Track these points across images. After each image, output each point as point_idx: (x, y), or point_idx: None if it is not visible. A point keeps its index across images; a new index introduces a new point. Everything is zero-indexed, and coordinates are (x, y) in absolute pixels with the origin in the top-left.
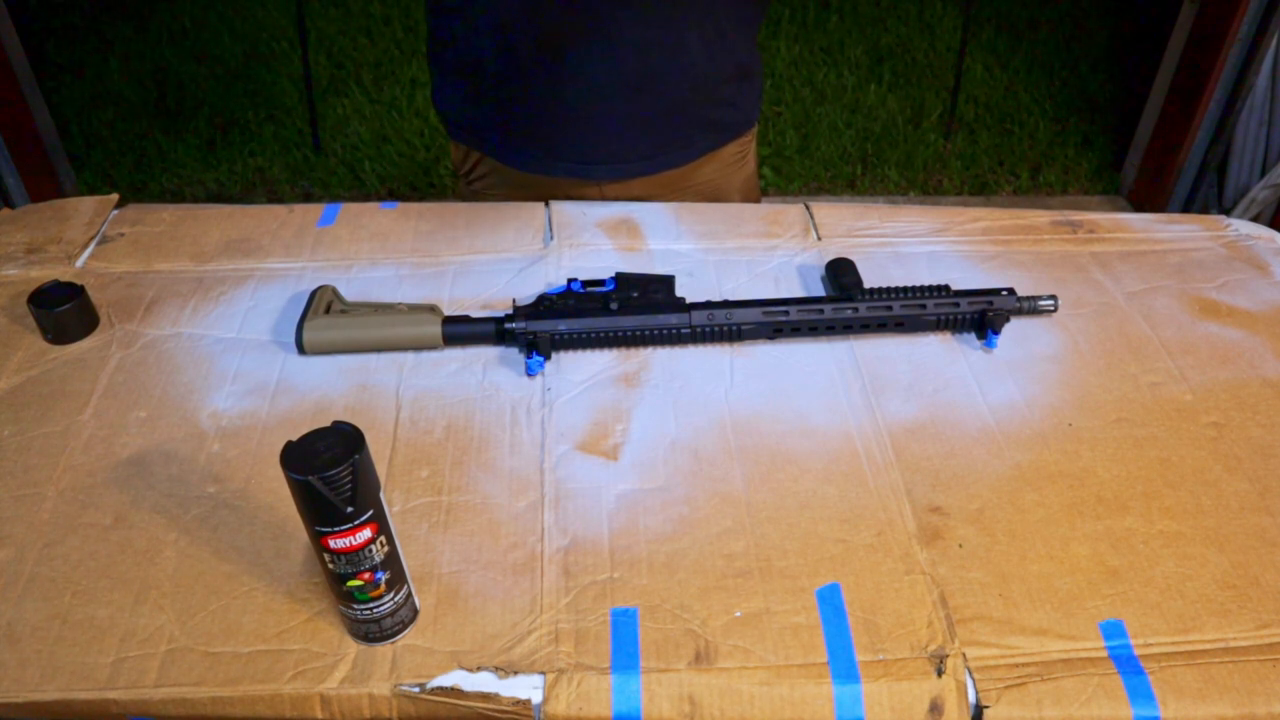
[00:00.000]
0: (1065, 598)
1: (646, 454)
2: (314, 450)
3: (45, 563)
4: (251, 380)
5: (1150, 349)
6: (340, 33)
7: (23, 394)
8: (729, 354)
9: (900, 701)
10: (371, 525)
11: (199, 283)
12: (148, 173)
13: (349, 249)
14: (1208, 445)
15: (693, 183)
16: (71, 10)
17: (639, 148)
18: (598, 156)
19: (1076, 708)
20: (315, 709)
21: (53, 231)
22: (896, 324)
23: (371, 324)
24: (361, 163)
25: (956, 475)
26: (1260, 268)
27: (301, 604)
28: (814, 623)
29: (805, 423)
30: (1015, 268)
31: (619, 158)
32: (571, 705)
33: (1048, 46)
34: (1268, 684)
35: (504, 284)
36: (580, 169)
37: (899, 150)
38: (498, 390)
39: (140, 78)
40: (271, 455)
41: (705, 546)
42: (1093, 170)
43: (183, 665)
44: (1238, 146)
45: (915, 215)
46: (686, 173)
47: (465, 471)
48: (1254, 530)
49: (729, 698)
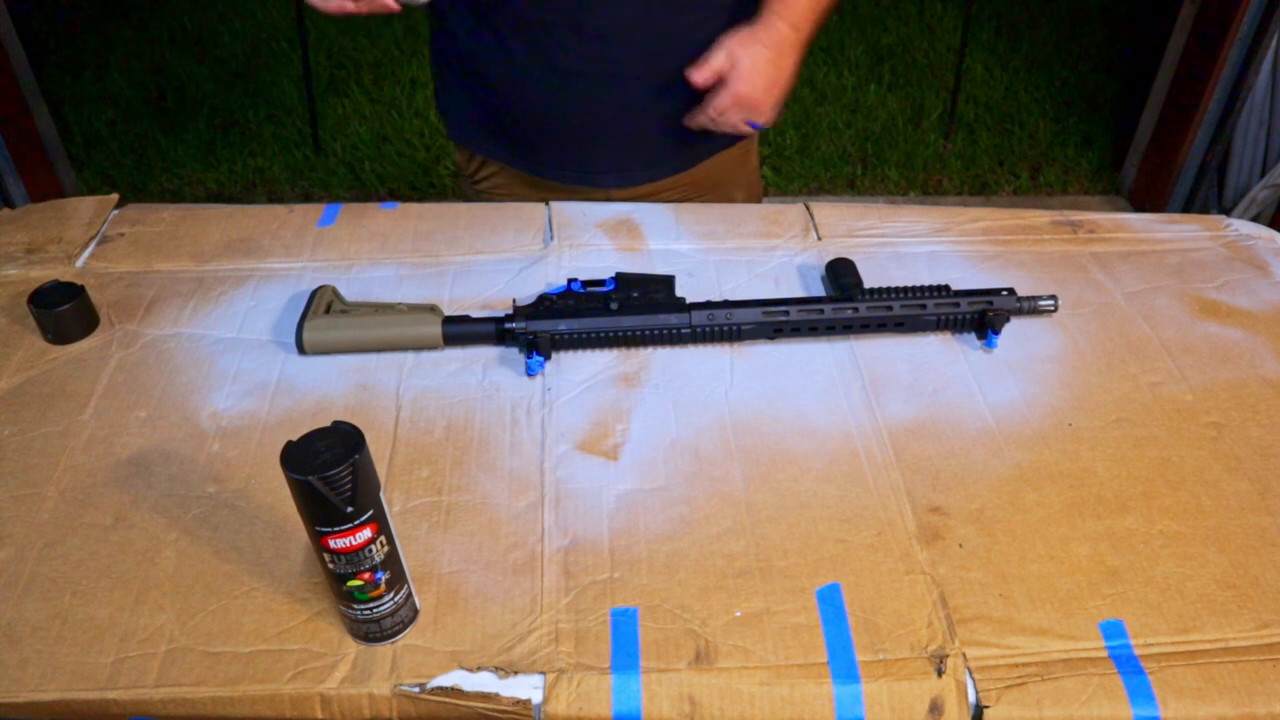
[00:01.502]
0: (1065, 598)
1: (646, 454)
2: (314, 450)
3: (45, 563)
4: (251, 380)
5: (1150, 349)
6: (340, 33)
7: (23, 394)
8: (729, 354)
9: (900, 701)
10: (371, 525)
11: (199, 283)
12: (148, 173)
13: (349, 249)
14: (1208, 445)
15: (697, 179)
16: (71, 10)
17: (643, 158)
18: (603, 167)
19: (1076, 708)
20: (315, 709)
21: (53, 231)
22: (896, 324)
23: (371, 324)
24: (361, 163)
25: (956, 475)
26: (1260, 268)
27: (301, 604)
28: (814, 623)
29: (805, 423)
30: (1015, 268)
31: (625, 168)
32: (571, 705)
33: (1048, 46)
34: (1268, 684)
35: (504, 284)
36: (588, 178)
37: (899, 150)
38: (498, 390)
39: (140, 78)
40: (271, 455)
41: (705, 546)
42: (1093, 170)
43: (183, 665)
44: (1238, 146)
45: (915, 215)
46: (691, 173)
47: (465, 471)
48: (1254, 530)
49: (729, 698)
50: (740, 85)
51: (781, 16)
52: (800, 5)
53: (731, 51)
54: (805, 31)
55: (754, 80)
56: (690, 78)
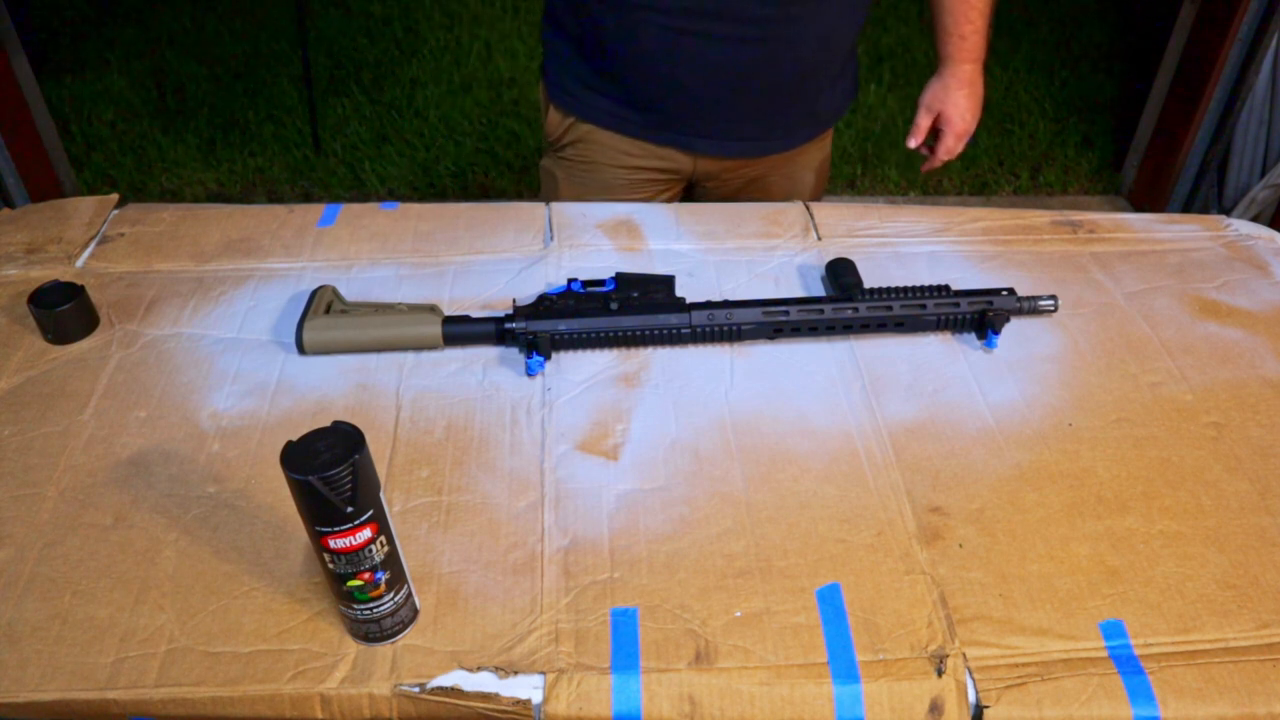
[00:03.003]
0: (1065, 598)
1: (646, 454)
2: (314, 450)
3: (45, 563)
4: (251, 380)
5: (1150, 349)
6: (340, 33)
7: (23, 394)
8: (729, 354)
9: (900, 701)
10: (371, 525)
11: (199, 283)
12: (148, 173)
13: (349, 249)
14: (1208, 445)
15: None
16: (71, 10)
17: (745, 130)
18: (706, 132)
19: (1076, 708)
20: (315, 709)
21: (53, 231)
22: (896, 324)
23: (371, 324)
24: (361, 163)
25: (956, 475)
26: (1260, 268)
27: (301, 604)
28: (814, 623)
29: (805, 423)
30: (1015, 268)
31: (727, 136)
32: (571, 705)
33: (1048, 46)
34: (1268, 684)
35: (504, 284)
36: (685, 141)
37: (899, 150)
38: (498, 390)
39: (140, 78)
40: (271, 455)
41: (705, 546)
42: (1093, 170)
43: (183, 665)
44: (1238, 146)
45: (915, 215)
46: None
47: (465, 471)
48: (1254, 530)
49: (729, 698)
50: (957, 128)
51: (963, 59)
52: (974, 40)
53: (932, 108)
54: (983, 56)
55: (965, 119)
56: (909, 146)
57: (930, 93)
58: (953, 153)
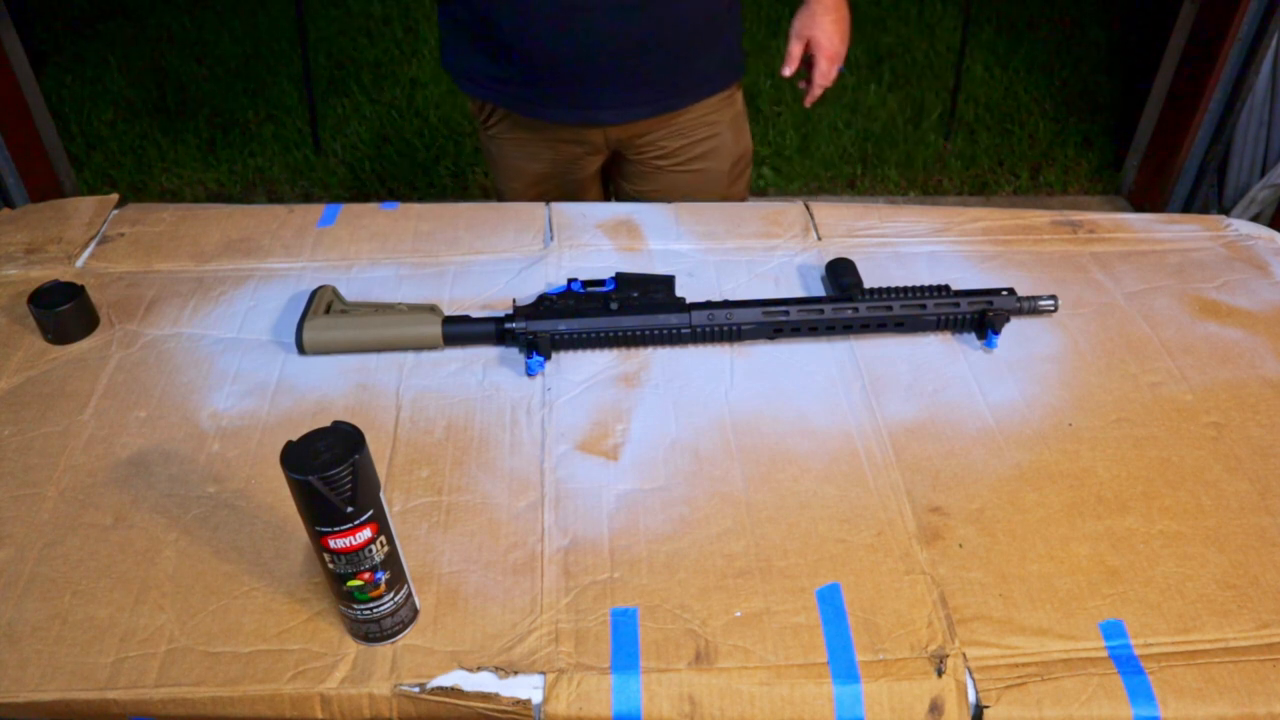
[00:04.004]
0: (1065, 598)
1: (646, 454)
2: (314, 450)
3: (45, 563)
4: (251, 380)
5: (1150, 349)
6: (340, 33)
7: (23, 394)
8: (729, 354)
9: (900, 701)
10: (371, 525)
11: (199, 283)
12: (148, 173)
13: (349, 249)
14: (1208, 445)
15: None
16: (71, 10)
17: (642, 95)
18: (605, 103)
19: (1076, 708)
20: (315, 709)
21: (53, 231)
22: (896, 324)
23: (371, 324)
24: (361, 163)
25: (956, 475)
26: (1260, 268)
27: (301, 604)
28: (814, 623)
29: (805, 423)
30: (1015, 268)
31: (626, 104)
32: (571, 705)
33: (1048, 46)
34: (1268, 684)
35: (504, 284)
36: (590, 115)
37: (899, 150)
38: (498, 390)
39: (140, 78)
40: (271, 455)
41: (705, 546)
42: (1093, 170)
43: (183, 665)
44: (1238, 146)
45: (915, 215)
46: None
47: (465, 471)
48: (1254, 530)
49: (729, 698)
50: (827, 52)
51: None
52: None
53: (801, 35)
54: None
55: (834, 43)
56: (783, 75)
57: (799, 20)
58: (827, 77)
